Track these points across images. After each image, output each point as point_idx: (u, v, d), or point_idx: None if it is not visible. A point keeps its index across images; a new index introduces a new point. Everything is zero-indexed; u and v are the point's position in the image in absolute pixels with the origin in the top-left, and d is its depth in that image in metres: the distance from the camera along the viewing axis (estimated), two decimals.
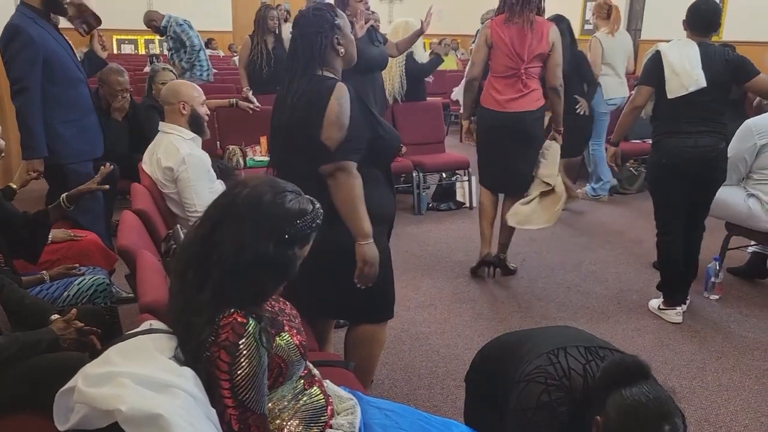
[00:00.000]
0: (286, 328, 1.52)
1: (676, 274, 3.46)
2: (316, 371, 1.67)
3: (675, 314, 3.50)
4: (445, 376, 2.93)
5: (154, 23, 6.25)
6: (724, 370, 3.01)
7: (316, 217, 1.48)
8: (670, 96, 3.23)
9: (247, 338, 1.35)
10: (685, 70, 3.19)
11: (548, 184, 3.82)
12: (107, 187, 2.96)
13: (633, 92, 3.54)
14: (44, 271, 2.55)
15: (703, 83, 3.16)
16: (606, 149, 4.00)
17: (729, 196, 3.70)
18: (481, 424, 1.98)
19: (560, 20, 4.60)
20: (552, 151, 3.85)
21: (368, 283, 2.16)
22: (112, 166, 3.04)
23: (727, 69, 3.19)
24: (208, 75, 6.30)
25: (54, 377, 1.44)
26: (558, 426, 1.57)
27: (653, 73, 3.31)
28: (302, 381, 1.58)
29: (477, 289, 3.88)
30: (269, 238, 1.39)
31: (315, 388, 1.60)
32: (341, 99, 2.06)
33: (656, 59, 3.30)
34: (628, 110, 3.53)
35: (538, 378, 1.60)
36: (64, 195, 2.81)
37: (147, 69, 5.08)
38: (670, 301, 3.52)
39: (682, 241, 3.40)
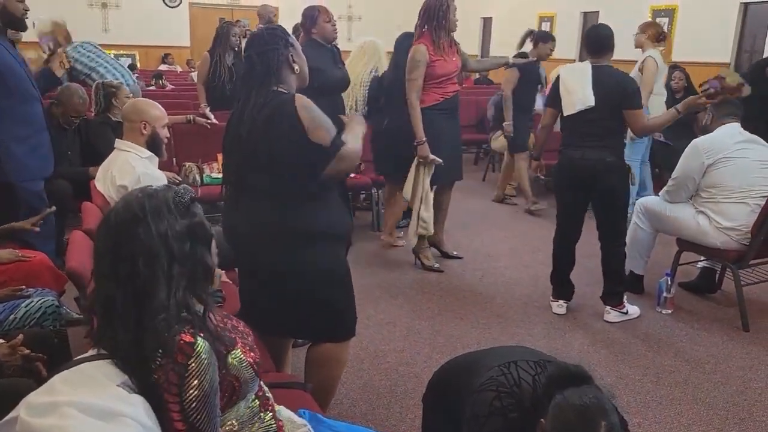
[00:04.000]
0: (239, 345, 1.50)
1: (560, 270, 3.82)
2: (269, 394, 1.64)
3: (557, 306, 3.84)
4: (404, 394, 2.92)
5: None
6: (677, 384, 3.07)
7: (185, 191, 1.45)
8: (565, 113, 3.57)
9: (196, 358, 1.31)
10: (575, 90, 3.49)
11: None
12: (38, 229, 2.82)
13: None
14: None
15: (590, 102, 3.45)
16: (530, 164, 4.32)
17: (679, 213, 3.81)
18: None
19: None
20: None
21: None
22: (54, 208, 2.93)
23: (618, 91, 3.45)
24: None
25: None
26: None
27: (553, 94, 3.68)
28: (258, 401, 1.55)
29: (436, 306, 3.89)
30: (165, 231, 1.35)
31: (268, 413, 1.57)
32: (306, 104, 2.09)
33: (556, 82, 3.65)
34: (539, 129, 3.97)
35: (491, 386, 1.65)
36: None
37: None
38: (555, 293, 3.88)
39: (572, 243, 3.75)
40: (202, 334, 1.35)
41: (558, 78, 3.64)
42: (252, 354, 1.52)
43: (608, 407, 1.42)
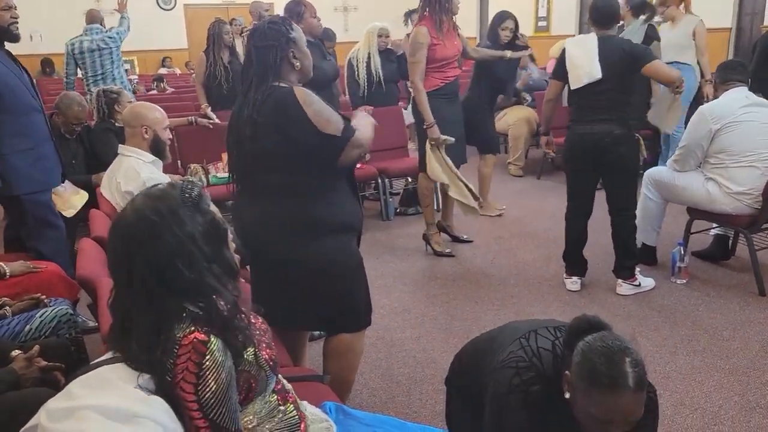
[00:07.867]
0: (256, 342, 1.50)
1: (573, 246, 3.80)
2: (289, 386, 1.64)
3: (571, 282, 3.82)
4: (423, 381, 2.92)
5: None
6: (695, 353, 3.06)
7: (191, 186, 1.41)
8: (572, 87, 3.53)
9: (210, 355, 1.32)
10: (582, 65, 3.45)
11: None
12: None
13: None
14: (7, 307, 2.47)
15: (597, 75, 3.41)
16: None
17: (688, 181, 3.78)
18: (463, 425, 1.99)
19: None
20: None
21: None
22: None
23: (625, 59, 3.41)
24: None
25: (20, 415, 1.39)
26: (533, 406, 1.60)
27: (559, 67, 3.64)
28: (276, 396, 1.55)
29: (449, 291, 3.88)
30: (190, 232, 1.35)
31: (289, 404, 1.57)
32: (306, 99, 2.08)
33: (562, 55, 3.60)
34: (543, 103, 3.90)
35: (510, 363, 1.65)
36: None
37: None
38: (568, 270, 3.86)
39: (585, 219, 3.73)
40: (215, 332, 1.35)
41: (564, 51, 3.60)
42: (268, 351, 1.52)
43: (630, 346, 1.46)
